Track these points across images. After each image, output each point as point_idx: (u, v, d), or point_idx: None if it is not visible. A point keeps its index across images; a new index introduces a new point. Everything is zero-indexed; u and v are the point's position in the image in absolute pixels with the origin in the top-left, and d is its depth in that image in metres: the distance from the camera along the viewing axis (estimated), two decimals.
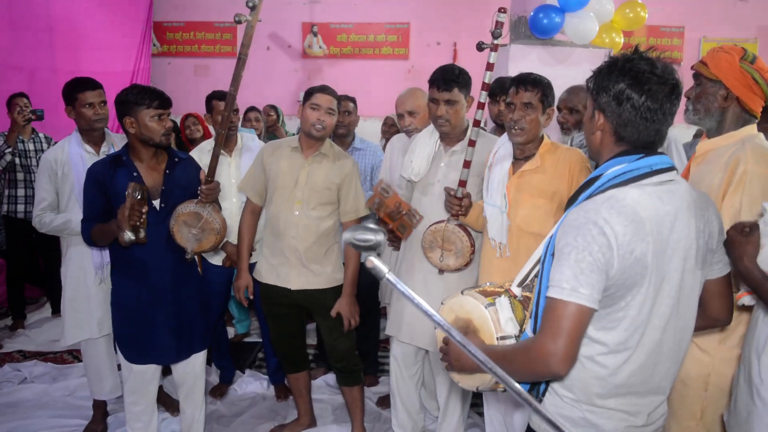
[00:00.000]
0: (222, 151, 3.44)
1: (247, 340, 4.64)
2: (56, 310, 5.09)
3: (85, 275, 3.14)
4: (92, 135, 3.14)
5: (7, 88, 4.73)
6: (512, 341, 1.62)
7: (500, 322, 1.64)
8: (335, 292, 2.98)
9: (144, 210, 2.50)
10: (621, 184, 1.46)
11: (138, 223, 2.49)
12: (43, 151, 4.76)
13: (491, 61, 2.48)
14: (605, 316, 1.45)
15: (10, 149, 4.52)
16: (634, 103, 1.46)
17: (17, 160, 4.64)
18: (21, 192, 4.70)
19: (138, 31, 8.08)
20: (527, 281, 1.76)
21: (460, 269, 2.65)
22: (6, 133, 4.55)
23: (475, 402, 3.61)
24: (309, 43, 8.91)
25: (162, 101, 2.63)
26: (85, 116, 3.04)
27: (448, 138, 2.81)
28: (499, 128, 3.27)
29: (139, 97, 2.60)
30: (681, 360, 1.60)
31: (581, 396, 1.52)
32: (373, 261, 1.10)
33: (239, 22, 2.51)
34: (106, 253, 3.09)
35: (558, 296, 1.39)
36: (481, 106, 2.53)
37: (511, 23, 4.40)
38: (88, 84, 3.07)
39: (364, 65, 8.79)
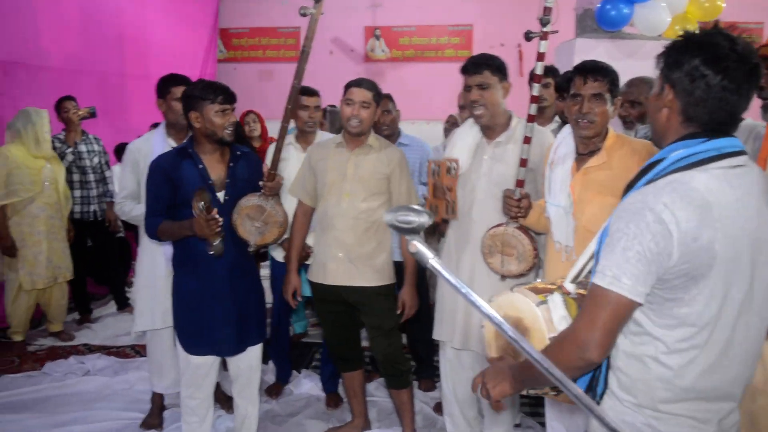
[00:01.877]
0: (297, 145, 3.48)
1: (304, 340, 4.62)
2: (121, 306, 5.23)
3: (155, 266, 3.20)
4: (178, 129, 3.21)
5: (78, 92, 4.88)
6: None
7: (553, 321, 1.53)
8: (382, 291, 2.91)
9: (216, 215, 2.49)
10: (685, 167, 1.33)
11: (219, 228, 2.52)
12: (95, 151, 4.89)
13: (542, 51, 2.36)
14: (667, 311, 1.33)
15: (70, 149, 4.68)
16: (709, 81, 1.32)
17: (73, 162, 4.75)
18: (77, 193, 4.80)
19: (205, 37, 8.28)
20: (581, 277, 1.64)
21: (524, 274, 2.50)
22: (61, 137, 4.71)
23: (536, 411, 3.47)
24: (371, 47, 8.91)
25: (226, 96, 2.64)
26: (175, 109, 3.11)
27: (489, 130, 2.69)
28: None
29: (205, 92, 2.61)
30: (755, 363, 1.44)
31: (644, 400, 1.39)
32: (417, 245, 1.01)
33: (304, 15, 2.56)
34: None
35: (599, 282, 1.32)
36: (534, 99, 2.41)
37: (577, 17, 4.24)
38: (182, 80, 3.16)
39: (427, 68, 8.71)
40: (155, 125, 4.77)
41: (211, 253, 2.53)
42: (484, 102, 2.59)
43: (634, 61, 3.82)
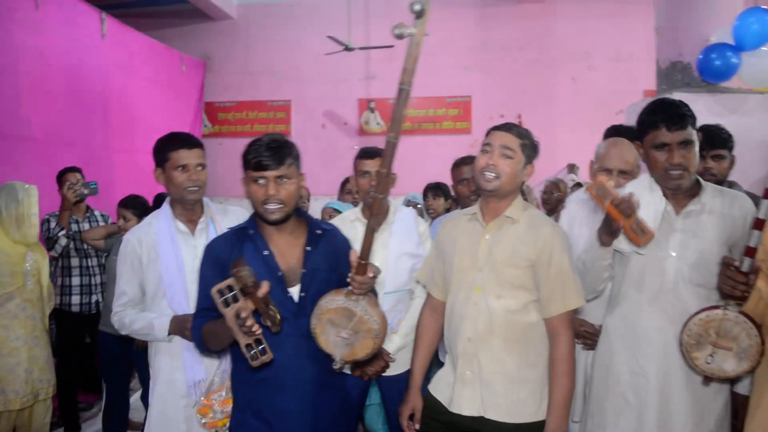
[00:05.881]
0: (365, 220, 2.71)
1: None
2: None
3: (175, 394, 2.38)
4: (188, 206, 2.44)
5: (60, 164, 4.18)
6: None
7: None
8: (525, 430, 2.02)
9: (261, 297, 1.72)
10: None
11: (268, 323, 1.74)
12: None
13: None
14: None
15: (63, 231, 3.88)
16: None
17: (71, 244, 4.00)
18: (76, 281, 4.03)
19: (190, 111, 7.76)
20: None
21: (740, 377, 1.85)
22: (57, 214, 3.94)
23: None
24: (366, 120, 8.50)
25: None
26: (176, 181, 2.36)
27: (678, 195, 2.05)
28: None
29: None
30: None
31: None
32: None
33: (401, 37, 1.69)
34: (201, 368, 2.33)
35: None
36: None
37: (660, 70, 3.78)
38: (186, 140, 2.41)
39: (425, 140, 8.32)
40: (160, 197, 4.07)
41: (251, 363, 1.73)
42: (687, 165, 1.98)
43: (738, 117, 3.34)
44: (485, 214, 2.11)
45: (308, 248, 2.00)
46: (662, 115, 1.98)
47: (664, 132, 1.96)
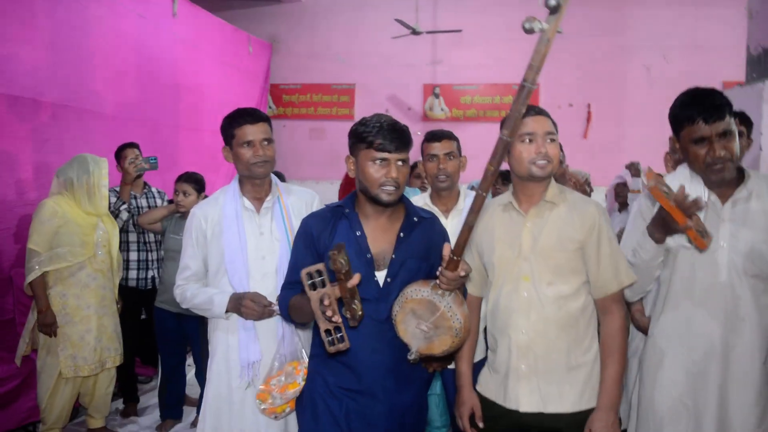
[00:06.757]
0: (435, 208, 2.68)
1: None
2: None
3: (229, 372, 2.37)
4: (256, 183, 2.42)
5: (131, 140, 4.22)
6: None
7: None
8: (584, 418, 1.94)
9: (349, 288, 1.68)
10: None
11: (348, 315, 1.71)
12: (157, 207, 4.17)
13: None
14: None
15: (125, 205, 3.93)
16: None
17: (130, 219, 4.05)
18: (134, 256, 4.08)
19: (256, 92, 7.79)
20: None
21: None
22: (117, 189, 3.99)
23: None
24: (430, 106, 8.38)
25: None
26: (243, 158, 2.35)
27: (722, 184, 1.96)
28: None
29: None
30: None
31: None
32: None
33: (531, 31, 1.48)
34: (256, 348, 2.32)
35: None
36: None
37: (751, 57, 3.54)
38: (251, 115, 2.37)
39: (490, 128, 8.10)
40: None
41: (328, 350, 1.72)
42: (731, 156, 1.88)
43: None
44: (522, 201, 2.03)
45: (401, 234, 1.97)
46: (698, 108, 1.87)
47: (701, 125, 1.87)
